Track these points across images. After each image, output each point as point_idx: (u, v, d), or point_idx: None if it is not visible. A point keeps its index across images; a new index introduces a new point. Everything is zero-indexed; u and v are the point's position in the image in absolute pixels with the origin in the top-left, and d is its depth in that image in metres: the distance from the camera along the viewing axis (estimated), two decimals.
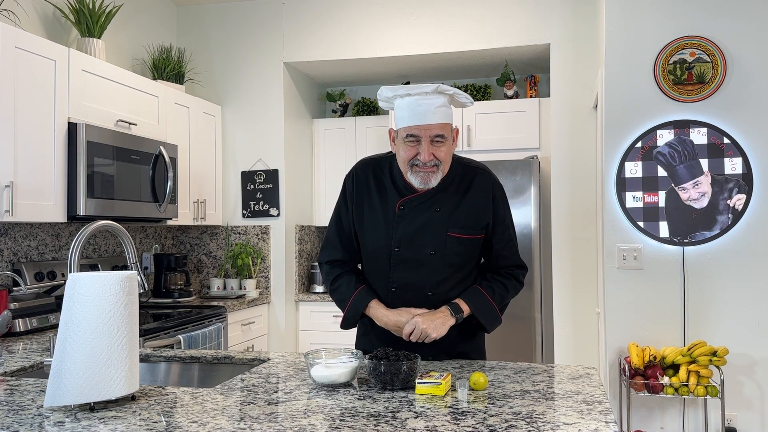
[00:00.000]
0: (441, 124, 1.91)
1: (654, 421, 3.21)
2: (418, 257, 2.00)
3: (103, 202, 3.18)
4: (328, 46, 4.45)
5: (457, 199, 2.01)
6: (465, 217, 2.00)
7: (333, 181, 4.94)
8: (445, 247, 1.99)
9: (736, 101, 3.17)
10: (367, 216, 2.05)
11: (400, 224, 2.00)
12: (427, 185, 1.95)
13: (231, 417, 1.43)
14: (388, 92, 1.99)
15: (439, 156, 1.91)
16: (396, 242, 2.00)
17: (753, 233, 3.14)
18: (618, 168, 3.28)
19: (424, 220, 1.99)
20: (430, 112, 1.89)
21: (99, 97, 3.30)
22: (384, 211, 2.02)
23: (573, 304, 4.03)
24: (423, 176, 1.93)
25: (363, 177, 2.08)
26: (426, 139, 1.90)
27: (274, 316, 4.50)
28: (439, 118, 1.90)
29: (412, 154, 1.92)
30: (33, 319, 2.99)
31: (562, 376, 1.84)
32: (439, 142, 1.91)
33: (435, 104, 1.90)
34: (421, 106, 1.90)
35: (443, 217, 1.99)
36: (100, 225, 1.86)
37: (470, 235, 2.01)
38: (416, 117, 1.90)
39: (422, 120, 1.89)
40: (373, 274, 2.09)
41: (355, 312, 2.05)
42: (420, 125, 1.90)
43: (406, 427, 1.35)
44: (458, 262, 2.03)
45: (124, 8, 4.08)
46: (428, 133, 1.90)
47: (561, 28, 4.10)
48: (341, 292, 2.09)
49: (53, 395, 1.47)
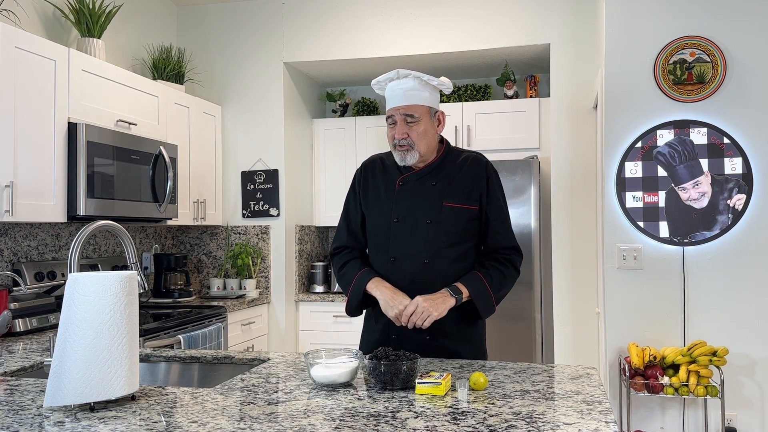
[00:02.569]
0: (408, 105, 2.09)
1: (654, 421, 3.21)
2: (415, 227, 2.13)
3: (103, 202, 3.18)
4: (328, 46, 4.45)
5: (453, 174, 2.17)
6: (460, 189, 2.14)
7: (333, 181, 4.94)
8: (440, 217, 2.12)
9: (736, 101, 3.17)
10: (372, 198, 2.22)
11: (399, 198, 2.16)
12: (404, 161, 2.13)
13: (231, 417, 1.43)
14: (376, 85, 2.21)
15: (411, 135, 2.09)
16: (395, 214, 2.15)
17: (753, 233, 3.14)
18: (618, 168, 3.28)
19: (421, 193, 2.15)
20: (400, 96, 2.10)
21: (99, 97, 3.30)
22: (386, 190, 2.20)
23: (573, 304, 4.03)
24: (401, 154, 2.12)
25: (371, 167, 2.27)
26: (399, 119, 2.10)
27: (274, 316, 4.50)
28: (407, 100, 2.09)
29: (391, 135, 2.13)
30: (33, 319, 2.99)
31: (562, 376, 1.84)
32: (410, 122, 2.09)
33: (404, 88, 2.10)
34: (393, 90, 2.12)
35: (439, 190, 2.14)
36: (100, 225, 1.86)
37: (464, 205, 2.14)
38: (391, 101, 2.13)
39: (394, 102, 2.12)
40: (375, 248, 2.22)
41: (358, 288, 2.15)
42: (392, 107, 2.12)
43: (406, 427, 1.35)
44: (453, 232, 2.12)
45: (124, 8, 4.09)
46: (399, 113, 2.10)
47: (561, 28, 4.10)
48: (346, 276, 2.22)
49: (53, 395, 1.47)
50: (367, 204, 2.23)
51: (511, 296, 4.07)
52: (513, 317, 4.11)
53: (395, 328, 2.13)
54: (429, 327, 2.07)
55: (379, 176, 2.22)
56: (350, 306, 2.20)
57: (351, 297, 2.18)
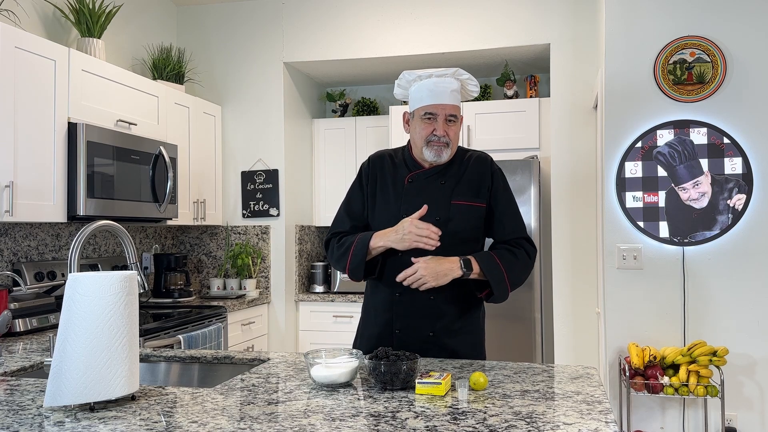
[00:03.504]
0: (455, 105, 2.12)
1: (654, 421, 3.21)
2: None
3: (103, 202, 3.18)
4: (328, 46, 4.45)
5: (460, 173, 2.18)
6: (467, 187, 2.16)
7: (333, 181, 4.94)
8: (449, 214, 2.12)
9: (736, 101, 3.17)
10: (379, 193, 2.22)
11: (408, 195, 2.17)
12: (439, 158, 2.12)
13: (231, 417, 1.43)
14: (410, 75, 2.17)
15: (450, 134, 2.11)
16: (404, 211, 2.14)
17: (753, 233, 3.14)
18: (618, 168, 3.28)
19: (430, 191, 2.15)
20: (447, 93, 2.11)
21: (99, 97, 3.30)
22: (394, 187, 2.19)
23: (573, 304, 4.03)
24: (437, 149, 2.11)
25: (379, 162, 2.26)
26: (442, 117, 2.10)
27: (274, 316, 4.50)
28: (453, 99, 2.12)
29: (429, 131, 2.11)
30: (33, 319, 2.99)
31: (562, 376, 1.84)
32: (451, 121, 2.12)
33: (450, 87, 2.11)
34: (438, 86, 2.11)
35: (447, 188, 2.16)
36: (100, 225, 1.86)
37: (473, 202, 2.15)
38: (434, 96, 2.10)
39: (440, 99, 2.10)
40: None
41: (362, 246, 2.10)
42: (437, 104, 2.10)
43: (406, 427, 1.35)
44: (462, 230, 2.13)
45: (124, 8, 4.09)
46: (444, 111, 2.10)
47: (561, 27, 4.10)
48: (346, 242, 2.16)
49: (53, 395, 1.47)
50: (374, 198, 2.23)
51: (511, 296, 4.06)
52: (513, 317, 4.11)
53: (398, 323, 2.14)
54: (432, 324, 2.11)
55: (388, 172, 2.22)
56: (354, 263, 2.10)
57: (355, 252, 2.10)
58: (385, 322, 2.16)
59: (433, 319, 2.12)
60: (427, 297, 2.10)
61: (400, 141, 4.26)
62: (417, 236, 2.00)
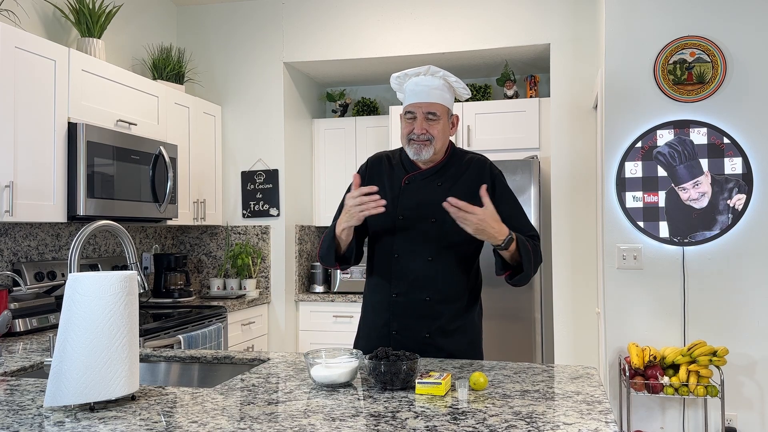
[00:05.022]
0: (432, 103, 2.11)
1: (654, 421, 3.21)
2: (420, 225, 2.14)
3: (103, 202, 3.18)
4: (328, 46, 4.45)
5: (458, 175, 2.19)
6: (465, 189, 2.15)
7: (333, 181, 4.94)
8: (445, 216, 2.09)
9: (736, 101, 3.17)
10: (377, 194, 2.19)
11: (404, 196, 2.17)
12: (419, 156, 2.14)
13: (231, 417, 1.43)
14: (394, 80, 2.23)
15: (431, 132, 2.11)
16: (400, 212, 2.16)
17: (753, 233, 3.14)
18: (618, 168, 3.28)
19: (426, 192, 2.16)
20: (425, 92, 2.12)
21: (99, 97, 3.30)
22: (392, 188, 2.20)
23: (573, 304, 4.03)
24: (416, 147, 2.13)
25: (377, 164, 2.29)
26: (420, 115, 2.11)
27: (274, 316, 4.50)
28: (432, 98, 2.12)
29: (410, 129, 2.14)
30: (33, 319, 2.99)
31: (562, 376, 1.84)
32: (432, 119, 2.12)
33: (430, 86, 2.12)
34: (418, 86, 2.13)
35: (444, 189, 2.16)
36: (100, 225, 1.86)
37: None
38: (413, 96, 2.14)
39: (417, 98, 2.12)
40: (379, 246, 2.21)
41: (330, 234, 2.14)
42: (415, 102, 2.12)
43: (406, 427, 1.35)
44: (458, 231, 2.08)
45: (124, 8, 4.09)
46: (421, 110, 2.11)
47: (561, 27, 4.10)
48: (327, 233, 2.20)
49: (53, 395, 1.47)
50: None
51: (512, 296, 4.07)
52: (513, 317, 4.11)
53: (396, 324, 2.14)
54: (429, 325, 2.10)
55: (385, 173, 2.24)
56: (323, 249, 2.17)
57: (324, 239, 2.17)
58: (383, 322, 2.17)
59: (429, 320, 2.12)
60: (423, 298, 2.11)
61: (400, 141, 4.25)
62: (357, 207, 1.99)
